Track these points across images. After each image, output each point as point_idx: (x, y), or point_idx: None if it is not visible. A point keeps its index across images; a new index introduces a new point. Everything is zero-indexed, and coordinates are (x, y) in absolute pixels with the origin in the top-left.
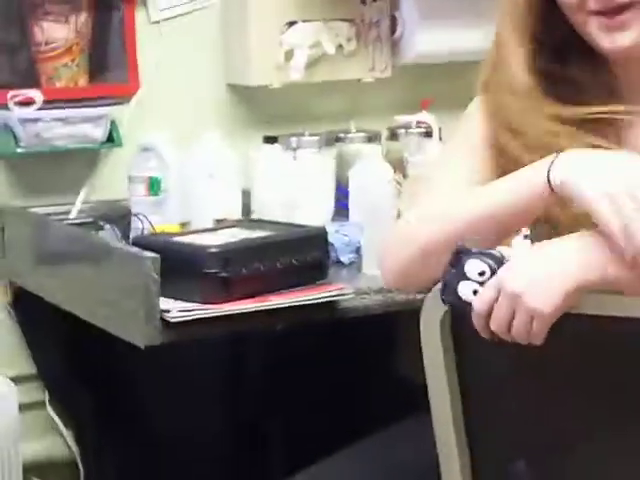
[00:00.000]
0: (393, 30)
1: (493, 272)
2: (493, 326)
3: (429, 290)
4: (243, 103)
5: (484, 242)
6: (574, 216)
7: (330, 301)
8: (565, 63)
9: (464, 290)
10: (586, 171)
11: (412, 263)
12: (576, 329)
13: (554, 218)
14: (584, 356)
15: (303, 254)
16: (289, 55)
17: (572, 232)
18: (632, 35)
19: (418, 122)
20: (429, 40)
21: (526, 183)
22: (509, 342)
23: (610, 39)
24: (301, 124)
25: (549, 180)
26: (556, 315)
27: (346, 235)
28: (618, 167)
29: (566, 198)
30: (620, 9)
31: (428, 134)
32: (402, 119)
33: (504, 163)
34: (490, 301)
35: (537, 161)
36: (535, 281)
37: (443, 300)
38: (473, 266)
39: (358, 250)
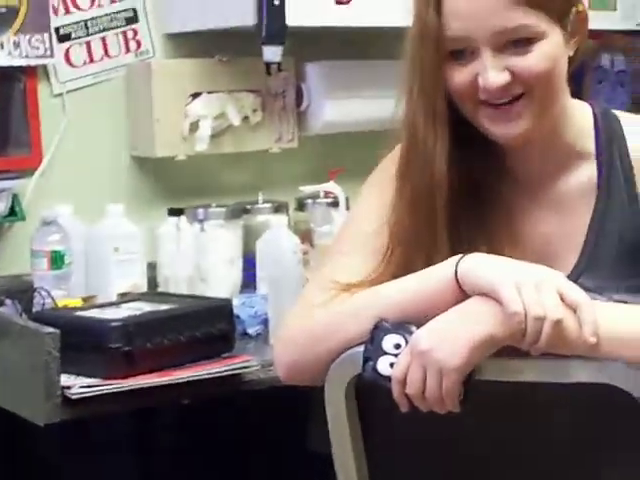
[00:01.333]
0: (299, 101)
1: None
2: (409, 390)
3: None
4: (149, 175)
5: None
6: None
7: (236, 374)
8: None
9: (382, 365)
10: (495, 263)
11: (317, 363)
12: (480, 396)
13: None
14: (487, 420)
15: (208, 327)
16: (194, 126)
17: None
18: (523, 124)
19: (325, 192)
20: (334, 110)
21: (435, 277)
22: (426, 414)
23: (502, 128)
24: (208, 196)
25: (456, 272)
26: (464, 369)
27: (253, 307)
28: (526, 265)
29: (469, 286)
30: (509, 100)
31: (335, 204)
32: (309, 189)
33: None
34: (405, 366)
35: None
36: (443, 337)
37: (363, 377)
38: (390, 340)
39: (265, 322)
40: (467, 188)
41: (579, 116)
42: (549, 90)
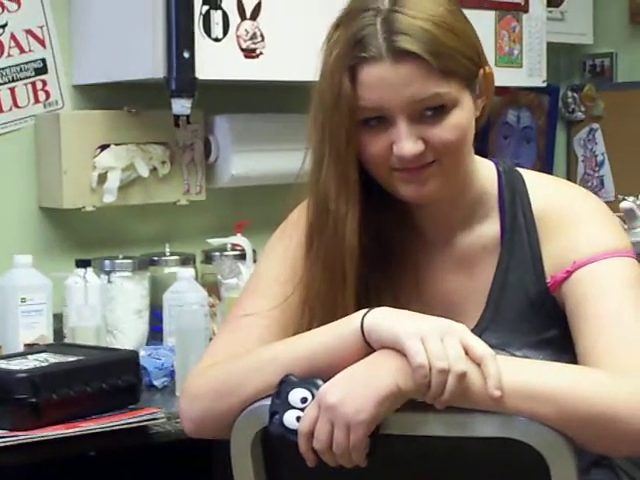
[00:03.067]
0: (207, 153)
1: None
2: (316, 444)
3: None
4: (56, 226)
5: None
6: None
7: (142, 426)
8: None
9: (289, 419)
10: (400, 316)
11: (223, 417)
12: (386, 449)
13: None
14: (395, 476)
15: (115, 378)
16: (102, 178)
17: None
18: (432, 186)
19: (232, 245)
20: (243, 164)
21: (341, 330)
22: (332, 468)
23: (412, 190)
24: (115, 247)
25: (362, 326)
26: (371, 423)
27: (159, 359)
28: (431, 318)
29: (374, 339)
30: (421, 166)
31: (242, 257)
32: (216, 242)
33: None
34: (312, 420)
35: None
36: (350, 391)
37: (270, 431)
38: (296, 394)
39: (171, 374)
40: (377, 248)
41: (483, 174)
42: (458, 157)
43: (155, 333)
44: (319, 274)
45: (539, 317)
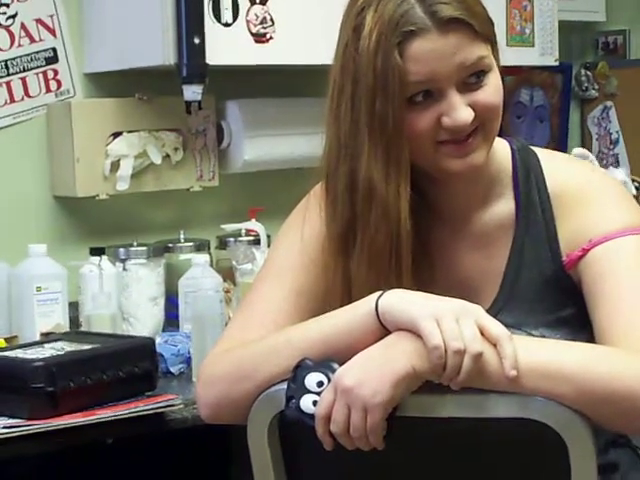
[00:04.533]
0: (220, 139)
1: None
2: (333, 428)
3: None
4: (70, 215)
5: None
6: None
7: (159, 412)
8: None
9: (305, 403)
10: (414, 298)
11: (239, 403)
12: (403, 432)
13: None
14: (413, 458)
15: (131, 366)
16: (115, 166)
17: None
18: (481, 155)
19: (247, 230)
20: (256, 149)
21: (356, 313)
22: (350, 451)
23: (461, 163)
24: (130, 235)
25: (377, 308)
26: (388, 405)
27: (175, 345)
28: (446, 299)
29: (389, 321)
30: (467, 135)
31: (257, 242)
32: (230, 228)
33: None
34: (329, 403)
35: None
36: (366, 373)
37: (286, 416)
38: (312, 379)
39: (188, 360)
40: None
41: (498, 152)
42: (498, 122)
43: (171, 320)
44: (368, 266)
45: (555, 295)
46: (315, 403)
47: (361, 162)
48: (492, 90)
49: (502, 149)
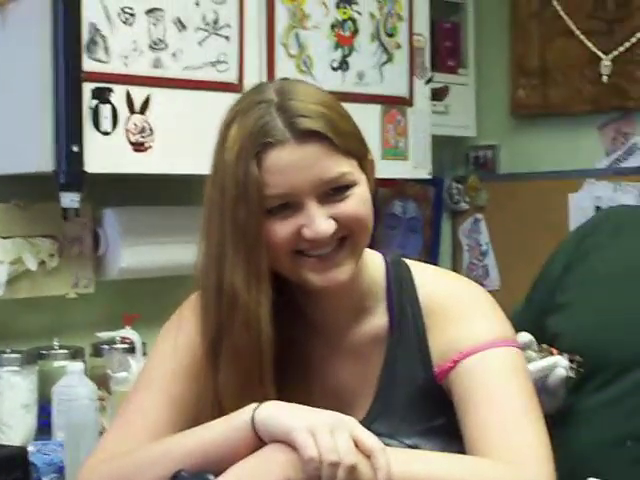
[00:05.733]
0: (96, 246)
1: None
2: None
3: None
4: None
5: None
6: None
7: None
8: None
9: None
10: (290, 410)
11: None
12: None
13: None
14: None
15: (3, 475)
16: None
17: None
18: (348, 269)
19: (122, 338)
20: (133, 256)
21: (233, 425)
22: None
23: (327, 277)
24: (3, 341)
25: (253, 420)
26: None
27: (48, 454)
28: (320, 412)
29: (265, 433)
30: (333, 248)
31: (132, 350)
32: (105, 335)
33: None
34: None
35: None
36: None
37: None
38: None
39: (61, 470)
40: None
41: (371, 265)
42: (367, 234)
43: (43, 427)
44: (232, 373)
45: (428, 406)
46: None
47: (226, 270)
48: (356, 202)
49: (376, 262)
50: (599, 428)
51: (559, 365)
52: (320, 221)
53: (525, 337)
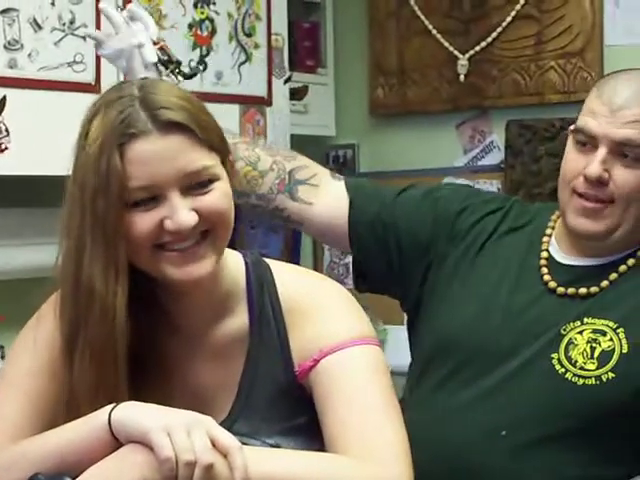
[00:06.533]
0: None
1: None
2: None
3: None
4: None
5: None
6: None
7: None
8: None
9: None
10: (146, 410)
11: None
12: None
13: None
14: None
15: None
16: None
17: None
18: (209, 264)
19: None
20: None
21: (89, 426)
22: None
23: (188, 271)
24: None
25: (110, 421)
26: None
27: None
28: (177, 411)
29: (122, 434)
30: (194, 242)
31: None
32: None
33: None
34: None
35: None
36: None
37: None
38: None
39: None
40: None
41: (231, 266)
42: (229, 229)
43: None
44: (87, 368)
45: (289, 405)
46: None
47: (84, 263)
48: (219, 195)
49: (235, 263)
50: (475, 421)
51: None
52: (183, 212)
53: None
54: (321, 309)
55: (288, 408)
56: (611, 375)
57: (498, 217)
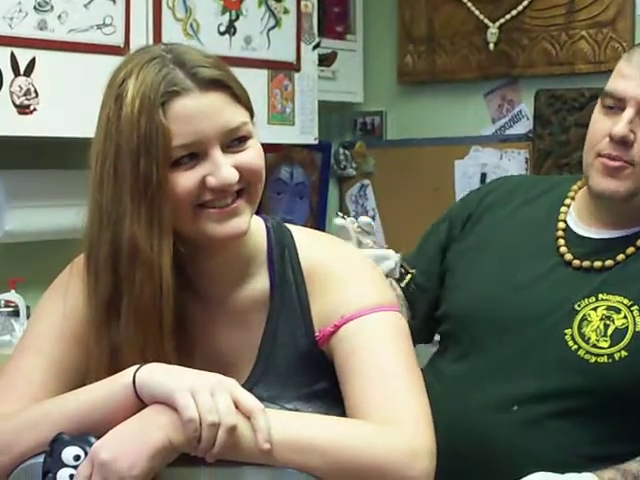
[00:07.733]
0: None
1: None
2: None
3: None
4: None
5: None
6: None
7: None
8: None
9: (62, 477)
10: (170, 371)
11: (0, 474)
12: None
13: None
14: None
15: None
16: None
17: None
18: (245, 220)
19: (5, 301)
20: (18, 220)
21: (113, 387)
22: None
23: (228, 228)
24: None
25: (134, 381)
26: (144, 476)
27: None
28: (201, 373)
29: (146, 395)
30: (232, 199)
31: (16, 313)
32: None
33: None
34: (86, 477)
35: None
36: (122, 447)
37: None
38: (69, 452)
39: None
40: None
41: (253, 230)
42: (261, 186)
43: None
44: (132, 328)
45: (309, 370)
46: (72, 477)
47: (124, 225)
48: (255, 153)
49: (257, 228)
50: (487, 394)
51: (390, 257)
52: (226, 168)
53: (366, 219)
54: (342, 275)
55: (308, 374)
56: (624, 353)
57: (509, 195)
